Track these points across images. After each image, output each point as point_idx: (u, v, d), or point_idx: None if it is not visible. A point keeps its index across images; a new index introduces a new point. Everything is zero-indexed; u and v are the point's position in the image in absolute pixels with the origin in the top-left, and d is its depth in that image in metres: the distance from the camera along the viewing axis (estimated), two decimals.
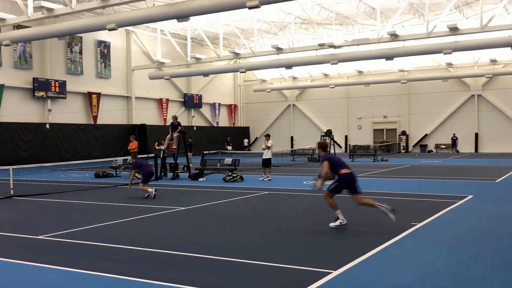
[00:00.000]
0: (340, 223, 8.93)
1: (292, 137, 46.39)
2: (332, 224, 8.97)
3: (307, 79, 44.90)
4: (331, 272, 6.02)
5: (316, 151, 31.12)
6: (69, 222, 9.93)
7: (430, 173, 20.94)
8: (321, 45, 29.54)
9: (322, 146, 9.75)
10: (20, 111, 28.09)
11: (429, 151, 40.91)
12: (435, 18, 30.24)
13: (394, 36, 26.76)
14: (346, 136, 43.89)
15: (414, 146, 41.84)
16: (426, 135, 41.36)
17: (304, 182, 17.32)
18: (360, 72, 41.97)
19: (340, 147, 43.10)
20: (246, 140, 46.59)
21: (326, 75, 43.26)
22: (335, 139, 34.66)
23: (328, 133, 32.97)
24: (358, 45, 29.15)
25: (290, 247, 7.56)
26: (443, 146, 40.42)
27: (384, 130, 43.15)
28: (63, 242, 7.98)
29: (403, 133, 41.72)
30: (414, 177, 19.25)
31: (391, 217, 8.68)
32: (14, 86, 28.02)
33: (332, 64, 30.20)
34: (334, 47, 28.77)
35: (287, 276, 6.08)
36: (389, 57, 28.88)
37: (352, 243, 7.80)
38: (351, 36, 35.07)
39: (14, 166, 15.89)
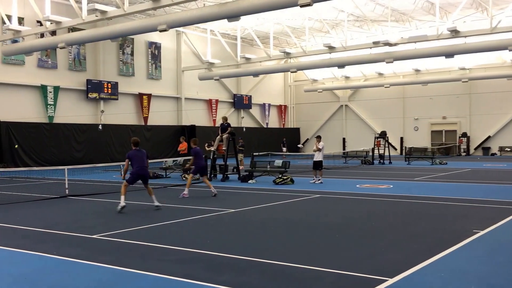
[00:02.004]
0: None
1: (344, 139, 45.92)
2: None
3: (361, 79, 44.30)
4: (387, 280, 5.94)
5: (370, 153, 30.82)
6: (121, 222, 10.27)
7: (494, 177, 20.21)
8: (376, 43, 29.09)
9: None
10: (74, 112, 29.22)
11: (493, 154, 39.44)
12: (499, 13, 29.20)
13: (454, 33, 26.02)
14: (401, 138, 43.03)
15: (475, 148, 40.46)
16: (489, 137, 39.90)
17: (357, 186, 17.13)
18: (417, 70, 40.99)
19: (395, 149, 42.29)
20: (300, 145, 46.43)
21: (380, 74, 42.51)
22: (390, 141, 34.00)
23: (383, 134, 32.42)
24: (415, 42, 28.55)
25: (343, 252, 7.52)
26: (508, 149, 38.86)
27: (443, 132, 41.99)
28: (116, 242, 8.26)
29: (464, 135, 40.45)
30: (476, 182, 18.65)
31: None
32: (69, 88, 29.20)
33: (387, 62, 29.73)
34: (390, 45, 28.27)
35: (340, 282, 6.05)
36: (449, 54, 28.08)
37: (409, 250, 7.65)
38: (407, 33, 34.40)
39: (69, 166, 16.55)
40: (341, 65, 32.11)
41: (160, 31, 20.49)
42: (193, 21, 21.45)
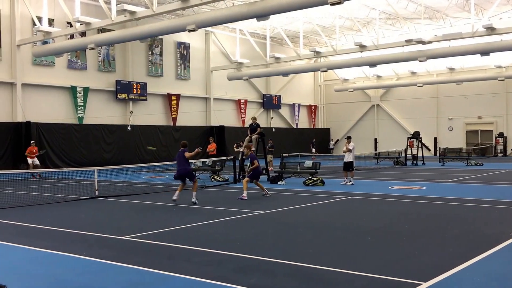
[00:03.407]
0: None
1: (375, 139, 45.46)
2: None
3: (393, 78, 43.79)
4: (420, 284, 5.87)
5: (402, 154, 30.44)
6: (151, 223, 10.40)
7: None
8: (408, 41, 28.75)
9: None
10: (103, 113, 29.72)
11: None
12: None
13: (490, 30, 25.51)
14: (435, 138, 42.35)
15: None
16: None
17: (390, 187, 16.95)
18: (451, 69, 40.28)
19: (429, 150, 41.65)
20: (331, 143, 46.15)
21: (413, 73, 41.95)
22: (423, 141, 33.52)
23: (416, 135, 31.99)
24: (449, 40, 28.09)
25: (375, 255, 7.45)
26: None
27: (479, 132, 41.14)
28: (146, 243, 8.37)
29: (501, 135, 39.54)
30: None
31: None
32: (98, 89, 29.71)
33: (420, 61, 29.35)
34: (423, 43, 27.90)
35: (372, 285, 6.00)
36: (484, 52, 27.52)
37: (443, 253, 7.53)
38: (441, 30, 33.85)
39: (99, 168, 16.84)
40: (372, 64, 31.84)
41: (189, 31, 20.70)
42: (222, 21, 21.59)
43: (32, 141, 23.70)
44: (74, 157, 27.49)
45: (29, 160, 22.93)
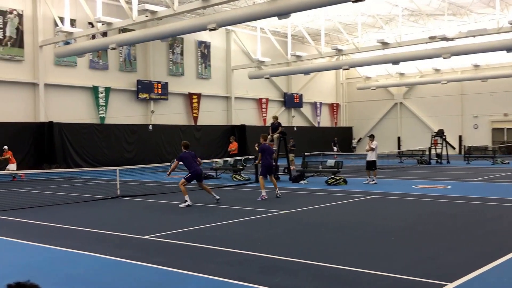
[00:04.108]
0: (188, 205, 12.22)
1: (399, 138, 45.04)
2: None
3: (416, 75, 43.33)
4: (446, 285, 5.80)
5: (426, 153, 30.11)
6: (172, 223, 10.48)
7: None
8: (432, 38, 28.44)
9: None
10: (125, 113, 30.03)
11: None
12: None
13: None
14: (460, 137, 41.79)
15: None
16: None
17: (414, 186, 16.78)
18: (476, 66, 39.70)
19: (454, 148, 41.12)
20: (354, 141, 45.86)
21: (437, 70, 41.46)
22: (447, 139, 33.12)
23: (440, 133, 31.63)
24: (474, 36, 27.73)
25: (399, 255, 7.39)
26: None
27: (505, 130, 40.44)
28: (167, 243, 8.43)
29: None
30: None
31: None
32: (120, 89, 30.03)
33: (444, 58, 29.03)
34: (447, 39, 27.57)
35: (396, 286, 5.95)
36: (510, 49, 27.08)
37: (469, 253, 7.43)
38: (466, 27, 33.36)
39: (120, 167, 17.01)
40: (395, 62, 31.54)
41: (210, 30, 20.77)
42: (242, 19, 21.62)
43: (4, 147, 22.36)
44: (96, 157, 27.82)
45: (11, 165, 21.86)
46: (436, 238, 8.59)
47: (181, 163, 13.25)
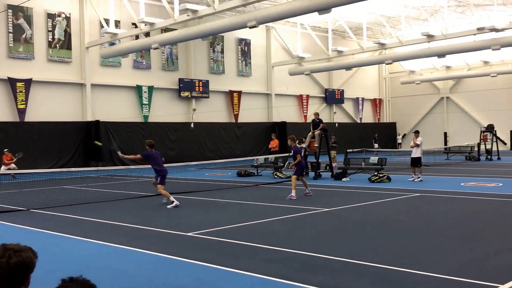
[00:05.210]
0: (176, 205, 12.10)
1: (445, 133, 43.98)
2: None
3: (463, 68, 42.16)
4: (497, 287, 5.64)
5: (475, 149, 29.30)
6: (215, 220, 10.58)
7: None
8: (480, 29, 27.61)
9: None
10: (167, 111, 30.50)
11: None
12: None
13: None
14: (511, 132, 40.45)
15: None
16: None
17: (462, 184, 16.37)
18: None
19: (505, 144, 39.83)
20: (399, 137, 45.00)
21: (486, 62, 40.21)
22: (498, 135, 32.10)
23: (490, 128, 30.69)
24: None
25: (447, 255, 7.22)
26: None
27: None
28: (210, 240, 8.53)
29: None
30: None
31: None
32: (162, 87, 30.55)
33: (493, 50, 28.19)
34: (496, 30, 26.75)
35: (444, 287, 5.83)
36: None
37: None
38: None
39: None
40: (441, 55, 30.80)
41: (250, 27, 20.84)
42: (283, 16, 21.60)
43: (5, 149, 22.08)
44: None
45: (3, 168, 21.49)
46: (486, 238, 8.35)
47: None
